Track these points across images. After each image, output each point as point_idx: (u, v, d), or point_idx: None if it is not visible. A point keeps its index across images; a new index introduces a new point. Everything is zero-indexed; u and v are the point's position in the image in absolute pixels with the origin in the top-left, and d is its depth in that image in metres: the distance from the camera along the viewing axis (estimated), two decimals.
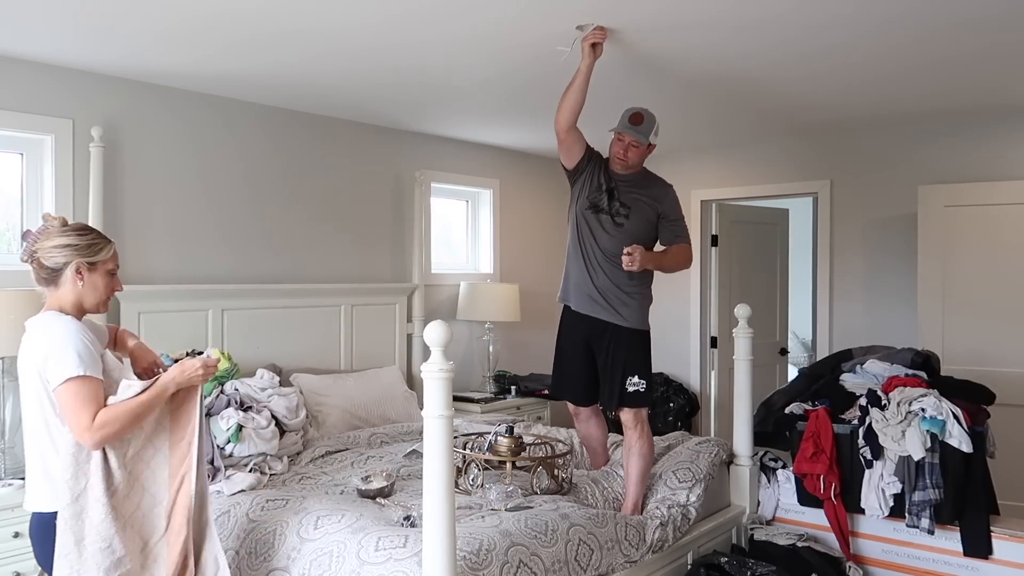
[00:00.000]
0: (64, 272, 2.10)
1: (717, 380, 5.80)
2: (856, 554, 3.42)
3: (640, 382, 3.08)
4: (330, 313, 4.42)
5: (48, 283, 2.13)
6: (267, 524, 2.70)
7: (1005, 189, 4.37)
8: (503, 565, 2.34)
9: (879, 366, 3.61)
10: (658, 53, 3.28)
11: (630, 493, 3.11)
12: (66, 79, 3.48)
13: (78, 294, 2.12)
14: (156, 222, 3.79)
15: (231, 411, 3.28)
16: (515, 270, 5.72)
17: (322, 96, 4.06)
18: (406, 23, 2.92)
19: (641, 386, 3.08)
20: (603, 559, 2.69)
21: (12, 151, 3.41)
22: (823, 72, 3.61)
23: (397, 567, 2.27)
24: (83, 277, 2.11)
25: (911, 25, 2.97)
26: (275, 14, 2.82)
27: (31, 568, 2.91)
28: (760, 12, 2.81)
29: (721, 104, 4.26)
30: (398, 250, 4.94)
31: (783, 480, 3.65)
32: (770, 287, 6.07)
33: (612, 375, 3.10)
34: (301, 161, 4.41)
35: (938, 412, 3.14)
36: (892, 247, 4.95)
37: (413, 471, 3.27)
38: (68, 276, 2.10)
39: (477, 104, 4.25)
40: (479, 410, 4.76)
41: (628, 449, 3.13)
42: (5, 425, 3.10)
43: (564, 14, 2.80)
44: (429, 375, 2.06)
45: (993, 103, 4.27)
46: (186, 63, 3.43)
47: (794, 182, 5.36)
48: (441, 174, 5.19)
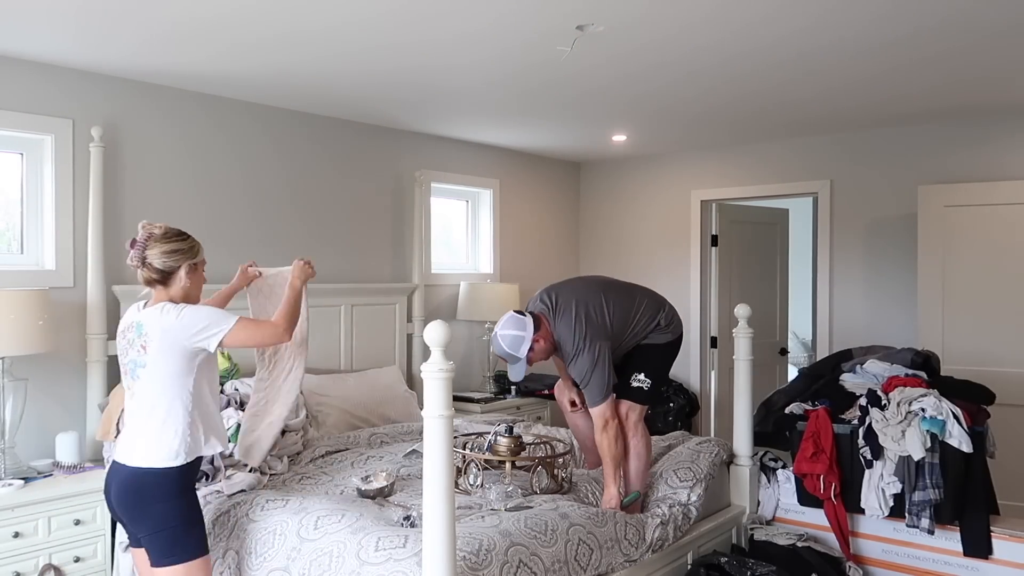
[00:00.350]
0: (177, 273, 2.48)
1: (717, 380, 5.80)
2: (856, 554, 3.42)
3: (645, 380, 3.10)
4: (330, 313, 4.42)
5: (158, 283, 2.48)
6: (267, 524, 2.70)
7: (1005, 189, 4.37)
8: (503, 565, 2.34)
9: (879, 366, 3.61)
10: (657, 52, 3.28)
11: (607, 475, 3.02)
12: (66, 79, 3.48)
13: (187, 289, 2.50)
14: (156, 221, 3.77)
15: (231, 411, 3.28)
16: (515, 270, 5.73)
17: (322, 96, 4.06)
18: (406, 23, 2.92)
19: (645, 384, 3.09)
20: (603, 558, 2.69)
21: (12, 151, 3.41)
22: (823, 71, 3.61)
23: (397, 567, 2.27)
24: (192, 275, 2.51)
25: (911, 24, 2.97)
26: (275, 15, 2.82)
27: (31, 568, 2.92)
28: (759, 11, 2.81)
29: (721, 104, 4.26)
30: (398, 250, 4.94)
31: (783, 480, 3.65)
32: (770, 287, 6.07)
33: (621, 369, 3.14)
34: (301, 161, 4.41)
35: (938, 412, 3.13)
36: (892, 247, 4.95)
37: (413, 471, 3.27)
38: (181, 276, 2.48)
39: (477, 104, 4.25)
40: (479, 410, 4.76)
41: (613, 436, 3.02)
42: (5, 425, 3.10)
43: (564, 14, 2.81)
44: (429, 375, 2.06)
45: (993, 103, 4.28)
46: (186, 64, 3.43)
47: (794, 182, 5.36)
48: (441, 174, 5.19)
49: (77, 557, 3.02)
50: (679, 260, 5.81)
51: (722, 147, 5.61)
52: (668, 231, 5.83)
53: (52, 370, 3.39)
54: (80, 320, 3.46)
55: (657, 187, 5.88)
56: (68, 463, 3.21)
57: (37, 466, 3.22)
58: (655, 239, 5.93)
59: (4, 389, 3.08)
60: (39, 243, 3.45)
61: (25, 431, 3.25)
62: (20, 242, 3.45)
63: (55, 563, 2.97)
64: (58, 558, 2.98)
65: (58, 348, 3.32)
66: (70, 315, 3.43)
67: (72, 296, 3.45)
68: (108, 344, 3.48)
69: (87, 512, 3.07)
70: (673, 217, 5.78)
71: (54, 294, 3.35)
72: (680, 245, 5.81)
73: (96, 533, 3.09)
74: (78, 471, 3.20)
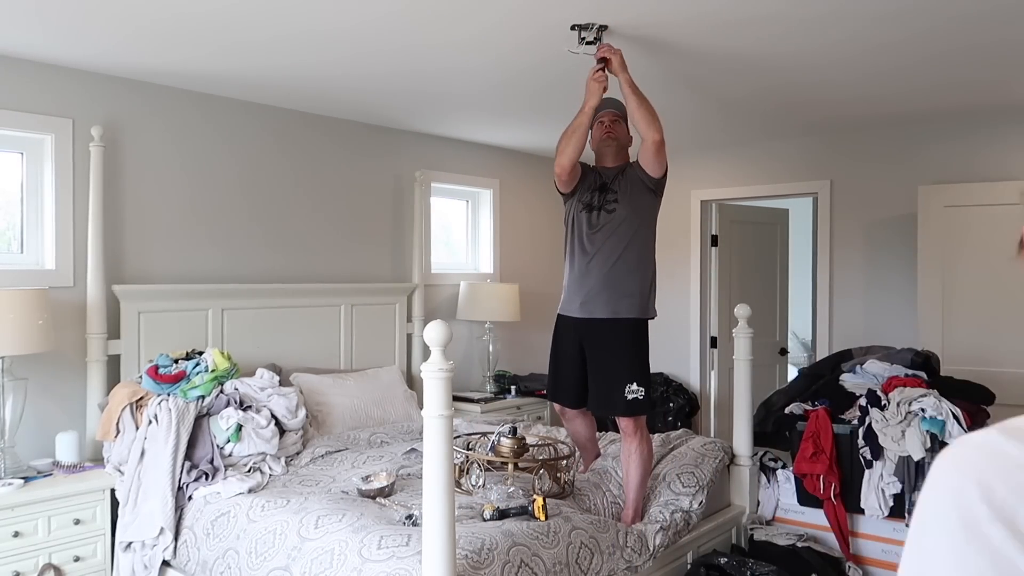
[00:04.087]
0: None
1: (717, 380, 5.80)
2: (856, 554, 3.42)
3: (639, 389, 2.94)
4: (330, 313, 4.42)
5: None
6: (267, 524, 2.70)
7: (1005, 189, 4.37)
8: (504, 564, 2.34)
9: (879, 366, 3.61)
10: (656, 52, 3.28)
11: (631, 499, 3.04)
12: (66, 79, 3.47)
13: None
14: (156, 222, 3.78)
15: (231, 411, 3.28)
16: (515, 270, 5.73)
17: (322, 96, 4.06)
18: (406, 24, 2.92)
19: (640, 393, 2.94)
20: (604, 564, 2.68)
21: (12, 151, 3.41)
22: (823, 71, 3.61)
23: (400, 565, 2.27)
24: None
25: (911, 23, 2.97)
26: (277, 16, 2.82)
27: (31, 567, 2.92)
28: (758, 10, 2.81)
29: (721, 104, 4.26)
30: (398, 250, 4.94)
31: (783, 480, 3.65)
32: (770, 287, 6.07)
33: (607, 380, 2.99)
34: (302, 161, 4.41)
35: (938, 412, 3.14)
36: (892, 247, 4.95)
37: (413, 471, 3.27)
38: None
39: (477, 104, 4.24)
40: (479, 410, 4.76)
41: (628, 456, 3.03)
42: (5, 424, 3.10)
43: (564, 14, 2.80)
44: (429, 375, 2.06)
45: (993, 103, 4.28)
46: (187, 63, 3.43)
47: (794, 182, 5.36)
48: (441, 174, 5.19)
49: (77, 556, 3.03)
50: (679, 260, 5.82)
51: (722, 147, 5.61)
52: (668, 231, 5.82)
53: (52, 370, 3.39)
54: (80, 320, 3.46)
55: None
56: (68, 463, 3.21)
57: (37, 465, 3.22)
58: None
59: (4, 389, 3.08)
60: (39, 243, 3.45)
61: (25, 431, 3.25)
62: (20, 242, 3.44)
63: (55, 562, 2.97)
64: (58, 558, 2.98)
65: (58, 348, 3.33)
66: (70, 315, 3.43)
67: (72, 296, 3.45)
68: (108, 343, 3.48)
69: (87, 512, 3.07)
70: (673, 217, 5.78)
71: (54, 294, 3.35)
72: (680, 245, 5.81)
73: (96, 533, 3.09)
74: (78, 471, 3.20)
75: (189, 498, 3.02)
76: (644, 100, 2.82)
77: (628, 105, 2.86)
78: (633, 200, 2.97)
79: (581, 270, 3.01)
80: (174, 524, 2.96)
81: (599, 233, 2.97)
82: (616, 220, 2.95)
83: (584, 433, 3.39)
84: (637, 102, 2.81)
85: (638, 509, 3.06)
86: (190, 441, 3.16)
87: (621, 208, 2.96)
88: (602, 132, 3.06)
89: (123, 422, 3.22)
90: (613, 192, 2.99)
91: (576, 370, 3.09)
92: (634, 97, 2.81)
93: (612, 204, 2.97)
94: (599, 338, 3.00)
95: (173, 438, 3.09)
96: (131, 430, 3.20)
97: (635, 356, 2.99)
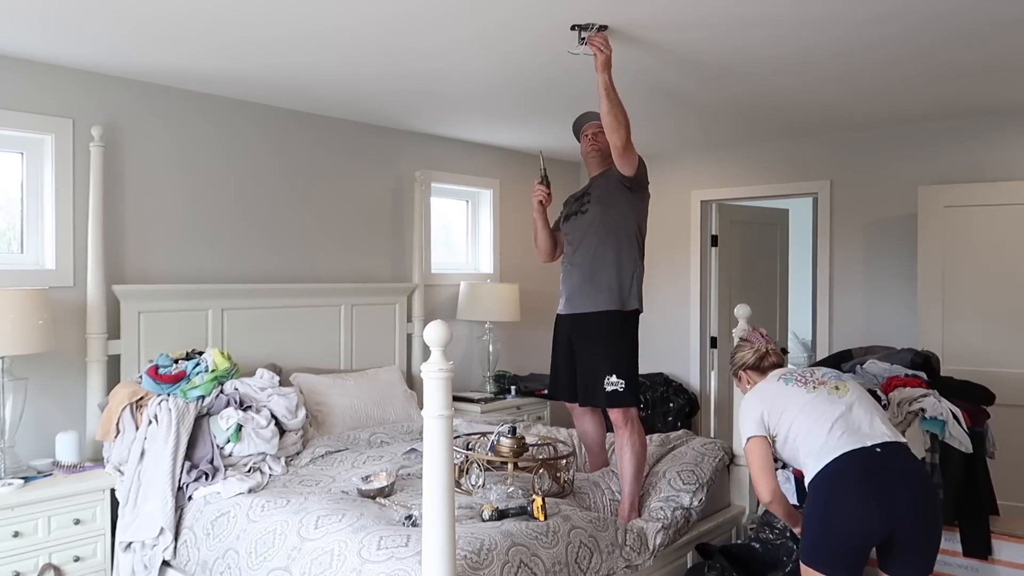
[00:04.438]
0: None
1: (717, 380, 5.80)
2: None
3: (619, 381, 2.99)
4: (330, 313, 4.42)
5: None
6: (267, 524, 2.70)
7: (1005, 189, 4.37)
8: (504, 564, 2.34)
9: (879, 366, 3.61)
10: (656, 52, 3.28)
11: (626, 492, 3.07)
12: (66, 79, 3.47)
13: None
14: (156, 222, 3.78)
15: (231, 411, 3.28)
16: (515, 270, 5.73)
17: (323, 96, 4.06)
18: (406, 24, 2.92)
19: (620, 385, 2.99)
20: (603, 563, 2.69)
21: (12, 151, 3.41)
22: (823, 71, 3.61)
23: (399, 566, 2.27)
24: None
25: (910, 23, 2.97)
26: (276, 15, 2.82)
27: (31, 567, 2.92)
28: (758, 9, 2.81)
29: (721, 104, 4.26)
30: (398, 250, 4.94)
31: (782, 480, 3.63)
32: (770, 287, 6.07)
33: (590, 372, 3.08)
34: (302, 161, 4.41)
35: (938, 412, 3.13)
36: (892, 247, 4.95)
37: (413, 471, 3.28)
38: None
39: (478, 104, 4.24)
40: (479, 410, 4.76)
41: (620, 448, 3.08)
42: (5, 424, 3.10)
43: (564, 15, 2.80)
44: (429, 375, 2.06)
45: (993, 103, 4.28)
46: (187, 63, 3.43)
47: (794, 182, 5.36)
48: (441, 174, 5.19)
49: (77, 556, 3.03)
50: (679, 260, 5.81)
51: (722, 147, 5.61)
52: (668, 231, 5.83)
53: (52, 370, 3.39)
54: (80, 320, 3.46)
55: (657, 187, 5.78)
56: (68, 463, 3.22)
57: (37, 465, 3.22)
58: (655, 239, 5.86)
59: (4, 389, 3.08)
60: (39, 243, 3.45)
61: (25, 431, 3.25)
62: (20, 242, 3.44)
63: (55, 562, 2.97)
64: (58, 557, 2.98)
65: (58, 348, 3.33)
66: (70, 315, 3.43)
67: (72, 296, 3.45)
68: (108, 344, 3.48)
69: (87, 512, 3.07)
70: (673, 217, 5.78)
71: (54, 294, 3.35)
72: (680, 245, 5.81)
73: (96, 533, 3.09)
74: (78, 471, 3.20)
75: (189, 498, 3.02)
76: (616, 105, 2.87)
77: (600, 106, 2.90)
78: (607, 199, 3.14)
79: (567, 270, 3.25)
80: (174, 524, 2.96)
81: (577, 233, 3.19)
82: (589, 219, 3.16)
83: (592, 435, 3.41)
84: (608, 106, 2.87)
85: (634, 503, 3.07)
86: (190, 441, 3.16)
87: (593, 208, 3.16)
88: (587, 145, 3.30)
89: (123, 422, 3.23)
90: (588, 195, 3.22)
91: (569, 365, 3.25)
92: (607, 100, 2.87)
93: (586, 206, 3.19)
94: (582, 331, 3.16)
95: (173, 438, 3.09)
96: (131, 430, 3.20)
97: (615, 349, 3.06)
